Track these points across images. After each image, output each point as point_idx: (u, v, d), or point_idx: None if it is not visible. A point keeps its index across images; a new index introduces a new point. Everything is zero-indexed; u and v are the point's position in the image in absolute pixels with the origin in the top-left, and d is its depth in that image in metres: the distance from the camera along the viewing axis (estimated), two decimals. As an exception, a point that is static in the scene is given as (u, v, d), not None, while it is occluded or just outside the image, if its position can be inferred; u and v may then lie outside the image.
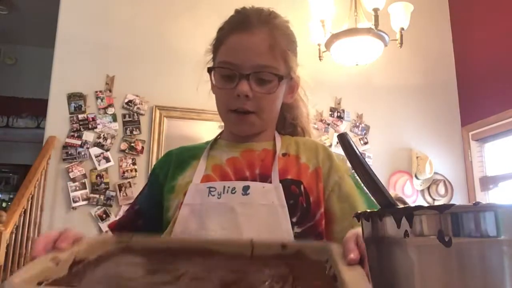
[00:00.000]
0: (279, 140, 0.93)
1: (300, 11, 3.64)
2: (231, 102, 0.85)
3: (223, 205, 0.81)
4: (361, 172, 0.46)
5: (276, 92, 0.86)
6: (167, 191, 0.89)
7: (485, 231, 0.38)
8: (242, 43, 0.84)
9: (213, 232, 0.79)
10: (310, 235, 0.82)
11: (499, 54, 3.64)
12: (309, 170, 0.88)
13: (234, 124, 0.88)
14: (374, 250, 0.46)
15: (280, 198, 0.81)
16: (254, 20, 0.86)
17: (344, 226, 0.84)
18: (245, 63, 0.83)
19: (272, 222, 0.79)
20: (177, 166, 0.92)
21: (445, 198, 3.75)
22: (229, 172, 0.87)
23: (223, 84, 0.85)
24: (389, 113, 3.86)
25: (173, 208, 0.86)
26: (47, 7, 4.07)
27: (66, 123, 3.26)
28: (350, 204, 0.86)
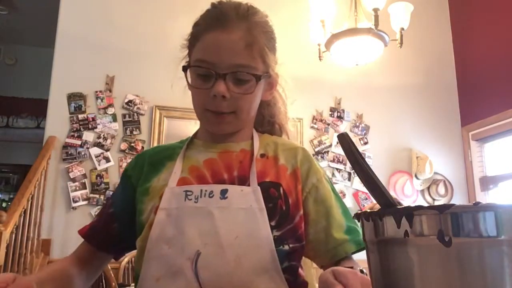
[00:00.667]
0: (257, 140, 0.91)
1: (300, 11, 3.65)
2: (207, 102, 0.81)
3: (200, 210, 0.79)
4: (361, 172, 0.46)
5: (254, 92, 0.83)
6: (141, 194, 0.86)
7: (485, 231, 0.38)
8: (218, 41, 0.80)
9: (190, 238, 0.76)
10: (289, 238, 0.80)
11: (499, 54, 3.64)
12: (288, 171, 0.87)
13: (210, 123, 0.85)
14: (374, 250, 0.46)
15: (259, 201, 0.79)
16: (232, 16, 0.81)
17: (318, 229, 0.84)
18: (221, 62, 0.79)
19: (251, 226, 0.77)
20: (151, 167, 0.89)
21: (445, 198, 3.75)
22: (206, 174, 0.84)
23: (199, 84, 0.82)
24: (389, 113, 3.86)
25: (147, 212, 0.83)
26: (47, 7, 4.08)
27: (66, 123, 3.26)
28: (326, 208, 0.85)
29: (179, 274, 0.75)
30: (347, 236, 0.84)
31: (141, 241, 0.80)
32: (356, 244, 0.83)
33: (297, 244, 0.82)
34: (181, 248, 0.76)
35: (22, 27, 5.55)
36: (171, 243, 0.77)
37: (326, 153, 3.64)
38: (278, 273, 0.77)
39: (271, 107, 0.96)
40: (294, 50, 3.72)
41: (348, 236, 0.84)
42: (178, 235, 0.77)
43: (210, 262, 0.75)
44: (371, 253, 0.47)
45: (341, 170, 3.64)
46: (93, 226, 0.93)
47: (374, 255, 0.46)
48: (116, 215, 0.90)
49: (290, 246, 0.80)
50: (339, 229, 0.84)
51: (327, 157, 3.63)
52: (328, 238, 0.84)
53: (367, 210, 0.48)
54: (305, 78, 3.71)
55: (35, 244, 2.82)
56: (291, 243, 0.80)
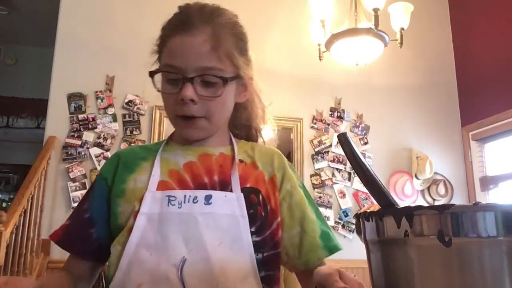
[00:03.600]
0: (236, 146, 0.90)
1: (300, 11, 3.65)
2: (177, 107, 0.80)
3: (184, 215, 0.77)
4: (361, 172, 0.46)
5: (222, 95, 0.81)
6: (116, 195, 0.83)
7: (485, 231, 0.38)
8: (183, 45, 0.79)
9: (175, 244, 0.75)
10: (267, 244, 0.81)
11: (499, 54, 3.64)
12: (266, 178, 0.87)
13: (183, 129, 0.84)
14: (374, 250, 0.46)
15: (242, 208, 0.79)
16: (196, 19, 0.80)
17: (292, 234, 0.85)
18: (188, 66, 0.78)
19: (233, 232, 0.78)
20: (125, 167, 0.86)
21: (445, 198, 3.75)
22: (187, 178, 0.83)
23: (168, 89, 0.81)
24: (389, 113, 3.86)
25: (125, 215, 0.80)
26: (47, 7, 4.08)
27: (66, 123, 3.26)
28: (300, 213, 0.86)
29: (164, 281, 0.73)
30: (321, 242, 0.85)
31: (119, 245, 0.78)
32: (328, 250, 0.85)
33: (273, 251, 0.82)
34: (165, 255, 0.75)
35: (22, 27, 5.55)
36: (153, 249, 0.75)
37: (326, 153, 3.64)
38: (256, 280, 0.78)
39: (247, 110, 0.94)
40: (294, 50, 3.73)
41: (321, 241, 0.85)
42: (161, 241, 0.76)
43: (196, 269, 0.74)
44: (371, 253, 0.47)
45: (341, 170, 3.64)
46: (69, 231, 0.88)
47: (374, 255, 0.46)
48: (94, 220, 0.86)
49: (265, 254, 0.80)
50: (313, 234, 0.85)
51: (327, 157, 3.63)
52: (302, 244, 0.84)
53: (366, 210, 0.48)
54: (305, 78, 3.72)
55: (35, 244, 2.82)
56: (267, 251, 0.81)
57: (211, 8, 0.84)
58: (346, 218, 3.52)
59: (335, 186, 3.59)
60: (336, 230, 3.49)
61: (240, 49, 0.86)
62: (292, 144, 3.61)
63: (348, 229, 3.51)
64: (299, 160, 3.56)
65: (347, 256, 3.40)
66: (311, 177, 3.57)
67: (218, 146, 0.89)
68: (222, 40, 0.81)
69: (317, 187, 3.55)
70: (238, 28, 0.87)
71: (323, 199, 3.52)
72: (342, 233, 3.50)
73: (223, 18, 0.84)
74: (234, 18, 0.88)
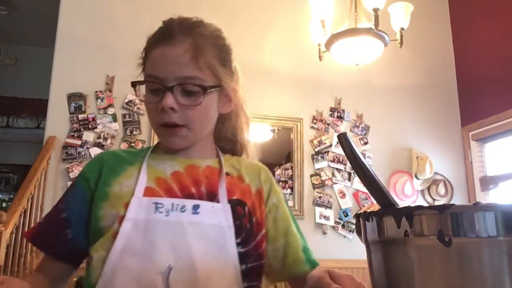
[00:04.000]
0: (222, 158, 0.91)
1: (300, 11, 3.65)
2: (159, 116, 0.82)
3: (172, 223, 0.77)
4: (361, 172, 0.46)
5: (203, 104, 0.82)
6: (99, 198, 0.82)
7: (485, 231, 0.38)
8: (164, 55, 0.82)
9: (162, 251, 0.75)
10: (252, 255, 0.82)
11: (499, 54, 3.64)
12: (252, 191, 0.89)
13: (165, 138, 0.85)
14: (374, 250, 0.46)
15: (228, 218, 0.81)
16: (176, 31, 0.83)
17: (276, 247, 0.87)
18: (168, 75, 0.81)
19: (220, 243, 0.79)
20: (110, 170, 0.85)
21: (445, 198, 3.75)
22: (175, 187, 0.83)
23: (151, 99, 0.83)
24: (389, 113, 3.86)
25: (109, 219, 0.79)
26: (47, 7, 4.08)
27: (66, 123, 3.26)
28: (284, 227, 0.89)
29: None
30: (304, 256, 0.88)
31: (102, 250, 0.77)
32: (311, 264, 0.87)
33: (257, 262, 0.83)
34: (152, 262, 0.74)
35: (22, 27, 5.55)
36: (139, 256, 0.75)
37: (326, 153, 3.64)
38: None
39: (231, 122, 0.95)
40: (294, 50, 3.73)
41: (304, 255, 0.88)
42: (147, 248, 0.75)
43: (183, 277, 0.74)
44: (371, 253, 0.47)
45: (341, 170, 3.64)
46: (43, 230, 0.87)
47: (374, 255, 0.46)
48: (71, 221, 0.84)
49: (249, 265, 0.81)
50: (296, 248, 0.88)
51: (327, 157, 3.63)
52: (286, 256, 0.87)
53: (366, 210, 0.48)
54: (305, 78, 3.72)
55: (35, 244, 2.81)
56: (251, 262, 0.82)
57: (193, 21, 0.87)
58: (346, 218, 3.52)
59: (335, 186, 3.59)
60: (336, 230, 3.49)
61: (222, 60, 0.87)
62: (292, 144, 3.61)
63: (348, 229, 3.51)
64: (299, 160, 3.56)
65: (347, 256, 3.42)
66: (311, 177, 3.57)
67: (205, 158, 0.90)
68: (202, 50, 0.83)
69: (317, 187, 3.55)
70: (220, 40, 0.89)
71: (323, 199, 3.52)
72: (342, 233, 3.50)
73: (204, 30, 0.86)
74: (216, 32, 0.90)
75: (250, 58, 3.56)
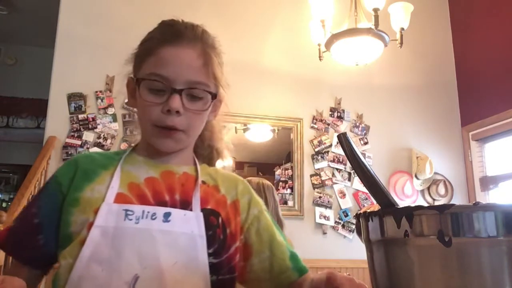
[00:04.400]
0: (199, 167, 0.89)
1: (301, 11, 3.65)
2: (159, 118, 0.79)
3: (141, 231, 0.75)
4: (361, 172, 0.46)
5: (206, 111, 0.83)
6: (70, 203, 0.79)
7: (485, 231, 0.38)
8: (176, 56, 0.79)
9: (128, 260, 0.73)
10: (224, 267, 0.81)
11: (499, 54, 3.64)
12: (228, 202, 0.87)
13: (159, 138, 0.81)
14: (374, 250, 0.46)
15: (200, 227, 0.78)
16: (190, 34, 0.81)
17: (262, 258, 0.86)
18: (179, 77, 0.78)
19: (190, 252, 0.76)
20: (84, 175, 0.82)
21: (445, 198, 3.75)
22: (148, 193, 0.80)
23: (151, 98, 0.79)
24: (389, 113, 3.86)
25: (77, 225, 0.76)
26: (47, 7, 4.07)
27: (66, 123, 3.26)
28: (269, 237, 0.87)
29: None
30: (291, 264, 0.86)
31: (70, 258, 0.74)
32: (299, 271, 0.86)
33: (228, 275, 0.82)
34: (118, 271, 0.72)
35: (22, 27, 5.55)
36: (105, 265, 0.72)
37: (326, 153, 3.64)
38: None
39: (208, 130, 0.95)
40: (294, 50, 3.73)
41: (291, 263, 0.86)
42: (114, 256, 0.73)
43: (149, 287, 0.72)
44: (371, 253, 0.47)
45: (341, 170, 3.64)
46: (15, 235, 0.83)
47: (375, 255, 0.46)
48: (43, 226, 0.81)
49: (219, 277, 0.80)
50: (282, 257, 0.87)
51: (327, 157, 3.63)
52: (272, 267, 0.86)
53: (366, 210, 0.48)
54: (305, 78, 3.72)
55: (35, 244, 2.82)
56: (222, 274, 0.80)
57: (201, 28, 0.86)
58: (346, 218, 3.52)
59: (335, 186, 3.59)
60: (336, 230, 3.49)
61: (221, 70, 0.87)
62: (292, 144, 3.61)
63: (348, 229, 3.51)
64: (299, 160, 3.56)
65: (347, 256, 3.42)
66: (311, 177, 3.57)
67: (182, 165, 0.87)
68: (212, 59, 0.82)
69: (317, 187, 3.55)
70: (219, 49, 0.88)
71: (323, 199, 3.52)
72: (342, 233, 3.50)
73: (210, 38, 0.86)
74: (216, 40, 0.88)
75: (250, 58, 3.57)
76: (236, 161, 3.88)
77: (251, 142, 3.73)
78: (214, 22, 0.94)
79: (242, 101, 3.39)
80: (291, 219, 3.29)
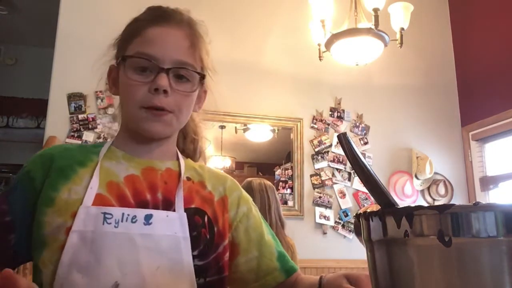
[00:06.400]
0: (183, 161, 0.85)
1: (301, 12, 3.65)
2: (146, 97, 0.76)
3: (120, 236, 0.71)
4: (361, 172, 0.46)
5: (194, 93, 0.80)
6: (43, 203, 0.74)
7: (485, 231, 0.38)
8: (163, 35, 0.78)
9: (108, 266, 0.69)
10: (211, 268, 0.78)
11: (499, 54, 3.64)
12: (215, 199, 0.84)
13: (147, 121, 0.77)
14: (374, 250, 0.46)
15: (184, 229, 0.75)
16: (177, 16, 0.81)
17: (249, 258, 0.84)
18: (166, 56, 0.76)
19: (173, 256, 0.73)
20: (60, 173, 0.77)
21: (445, 198, 3.75)
22: (128, 193, 0.76)
23: (136, 77, 0.76)
24: (389, 113, 3.86)
25: (53, 228, 0.72)
26: (47, 7, 4.07)
27: (66, 123, 3.26)
28: (257, 236, 0.85)
29: None
30: (278, 264, 0.85)
31: (51, 264, 0.70)
32: (286, 272, 0.85)
33: (217, 276, 0.79)
34: (97, 278, 0.69)
35: (22, 27, 5.55)
36: (85, 272, 0.69)
37: (326, 153, 3.64)
38: None
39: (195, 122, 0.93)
40: (294, 50, 3.73)
41: (279, 264, 0.85)
42: (93, 263, 0.69)
43: None
44: (371, 253, 0.47)
45: (341, 170, 3.64)
46: None
47: (374, 255, 0.46)
48: (15, 225, 0.75)
49: (207, 279, 0.77)
50: (270, 257, 0.85)
51: (327, 157, 3.63)
52: (260, 267, 0.84)
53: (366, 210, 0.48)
54: (305, 78, 3.72)
55: (35, 244, 2.81)
56: (210, 276, 0.77)
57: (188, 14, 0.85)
58: (346, 218, 3.52)
59: (335, 186, 3.59)
60: (336, 230, 3.49)
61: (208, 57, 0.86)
62: (292, 144, 3.61)
63: (348, 229, 3.51)
64: (299, 160, 3.56)
65: (347, 256, 3.42)
66: (311, 177, 3.57)
67: (165, 159, 0.84)
68: (198, 42, 0.81)
69: (317, 187, 3.55)
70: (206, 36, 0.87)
71: (323, 199, 3.52)
72: (342, 233, 3.50)
73: (198, 26, 0.85)
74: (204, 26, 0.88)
75: (250, 58, 3.56)
76: (236, 161, 3.89)
77: (251, 142, 3.73)
78: (214, 22, 0.94)
79: (242, 101, 3.39)
80: (291, 219, 3.29)
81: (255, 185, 2.29)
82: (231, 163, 3.84)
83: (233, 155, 3.85)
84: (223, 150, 3.71)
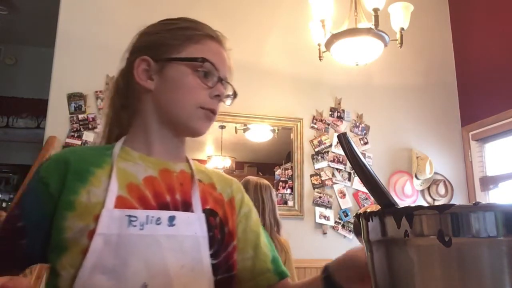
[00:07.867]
0: (193, 164, 0.89)
1: (301, 12, 3.65)
2: (206, 100, 0.84)
3: (146, 238, 0.72)
4: (361, 172, 0.46)
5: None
6: (64, 207, 0.74)
7: (485, 231, 0.38)
8: (221, 51, 0.89)
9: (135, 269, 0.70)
10: (222, 267, 0.80)
11: (499, 54, 3.64)
12: (225, 200, 0.87)
13: (202, 120, 0.84)
14: (374, 250, 0.46)
15: (203, 229, 0.78)
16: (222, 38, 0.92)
17: (245, 257, 0.86)
18: (223, 70, 0.87)
19: (195, 255, 0.75)
20: (76, 176, 0.76)
21: (445, 198, 3.75)
22: (148, 195, 0.77)
23: (197, 80, 0.83)
24: (389, 113, 3.86)
25: (75, 232, 0.71)
26: (47, 7, 4.07)
27: (66, 123, 3.26)
28: (254, 237, 0.88)
29: None
30: (272, 266, 0.87)
31: (71, 268, 0.70)
32: (278, 275, 0.87)
33: (226, 274, 0.81)
34: (125, 281, 0.69)
35: (22, 27, 5.55)
36: (111, 274, 0.69)
37: (326, 153, 3.64)
38: None
39: None
40: (294, 50, 3.73)
41: (272, 266, 0.88)
42: (120, 265, 0.70)
43: None
44: (371, 253, 0.47)
45: (341, 170, 3.64)
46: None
47: (374, 255, 0.46)
48: (27, 230, 0.75)
49: (218, 277, 0.79)
50: (264, 259, 0.88)
51: (327, 157, 3.63)
52: (254, 267, 0.87)
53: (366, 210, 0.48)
54: (305, 78, 3.72)
55: (35, 244, 2.81)
56: (221, 274, 0.80)
57: None
58: (346, 218, 3.52)
59: (335, 186, 3.59)
60: (336, 230, 3.49)
61: None
62: (292, 144, 3.61)
63: (348, 229, 3.51)
64: (299, 160, 3.56)
65: (347, 256, 3.42)
66: (311, 177, 3.57)
67: (178, 161, 0.87)
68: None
69: (317, 187, 3.55)
70: None
71: (323, 199, 3.52)
72: (342, 233, 3.50)
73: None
74: None
75: (250, 58, 3.56)
76: (236, 161, 3.89)
77: (251, 142, 3.73)
78: (213, 22, 0.95)
79: (242, 101, 3.36)
80: (291, 219, 3.29)
81: (251, 184, 2.28)
82: (231, 163, 3.84)
83: (233, 155, 3.85)
84: (223, 150, 3.72)
